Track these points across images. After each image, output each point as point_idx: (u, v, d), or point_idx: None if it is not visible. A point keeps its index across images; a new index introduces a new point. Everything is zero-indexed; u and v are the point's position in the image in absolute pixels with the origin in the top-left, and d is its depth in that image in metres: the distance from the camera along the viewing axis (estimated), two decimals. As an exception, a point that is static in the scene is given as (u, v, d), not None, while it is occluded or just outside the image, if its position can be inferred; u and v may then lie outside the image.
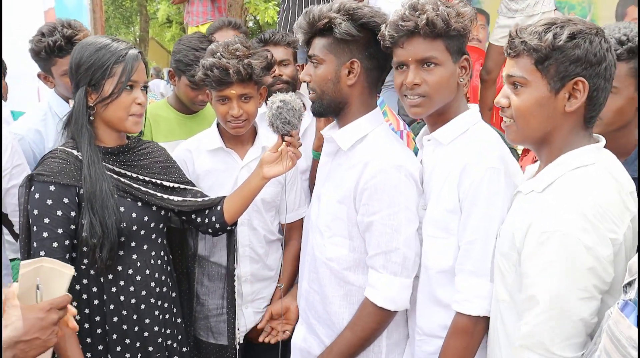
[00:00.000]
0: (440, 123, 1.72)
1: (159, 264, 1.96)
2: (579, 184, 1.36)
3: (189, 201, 2.00)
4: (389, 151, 1.75)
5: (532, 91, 1.41)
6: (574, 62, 1.37)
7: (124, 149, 1.93)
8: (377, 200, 1.70)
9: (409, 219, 1.71)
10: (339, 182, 1.81)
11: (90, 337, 1.86)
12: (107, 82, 1.81)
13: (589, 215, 1.29)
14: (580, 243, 1.27)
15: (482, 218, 1.58)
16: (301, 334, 1.97)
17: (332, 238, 1.82)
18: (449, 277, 1.66)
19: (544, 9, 3.68)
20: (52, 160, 1.82)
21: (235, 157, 2.24)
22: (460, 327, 1.62)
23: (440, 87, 1.65)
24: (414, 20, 1.61)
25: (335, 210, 1.80)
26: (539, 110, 1.41)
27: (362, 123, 1.81)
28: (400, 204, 1.69)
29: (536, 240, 1.33)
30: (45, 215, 1.76)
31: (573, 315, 1.28)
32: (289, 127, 1.86)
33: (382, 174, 1.69)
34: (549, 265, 1.30)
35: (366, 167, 1.72)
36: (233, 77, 2.05)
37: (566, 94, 1.39)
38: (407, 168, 1.71)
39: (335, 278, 1.81)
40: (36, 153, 2.37)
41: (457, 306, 1.62)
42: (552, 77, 1.39)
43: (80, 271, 1.85)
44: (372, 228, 1.72)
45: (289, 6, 4.52)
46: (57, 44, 2.34)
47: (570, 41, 1.36)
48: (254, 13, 10.72)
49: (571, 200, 1.33)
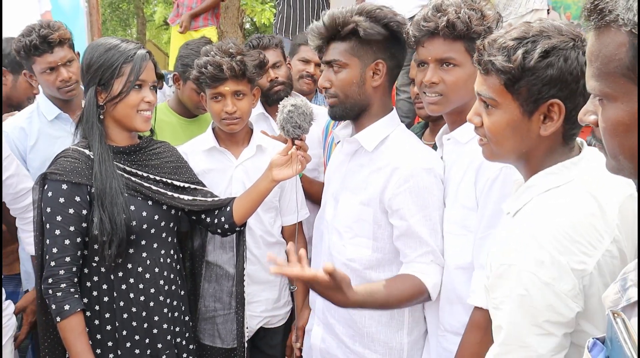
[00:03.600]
0: (460, 122, 1.73)
1: (169, 262, 1.99)
2: (543, 211, 1.23)
3: (199, 201, 2.03)
4: (416, 154, 1.79)
5: (503, 113, 1.29)
6: (547, 83, 1.23)
7: (135, 149, 1.97)
8: (413, 203, 1.73)
9: (441, 217, 1.75)
10: (363, 184, 1.82)
11: (100, 334, 1.90)
12: (116, 82, 1.85)
13: (548, 247, 1.17)
14: (536, 278, 1.16)
15: (494, 215, 1.59)
16: (319, 335, 1.98)
17: (354, 238, 1.83)
18: (467, 274, 1.68)
19: (536, 6, 3.67)
20: (64, 159, 1.86)
21: (229, 156, 2.26)
22: (476, 321, 1.62)
23: (457, 87, 1.68)
24: (434, 21, 1.64)
25: (358, 212, 1.82)
26: (512, 133, 1.29)
27: (383, 124, 1.84)
28: (434, 204, 1.74)
29: (495, 271, 1.25)
30: (57, 213, 1.81)
31: (530, 351, 1.19)
32: (300, 131, 1.89)
33: (414, 179, 1.73)
34: (506, 298, 1.21)
35: (395, 171, 1.75)
36: (227, 73, 2.09)
37: (540, 116, 1.26)
38: (435, 169, 1.75)
39: (357, 277, 1.81)
40: (19, 148, 2.43)
41: (470, 299, 1.64)
42: (524, 99, 1.26)
43: (91, 268, 1.89)
44: (411, 230, 1.74)
45: (284, 8, 4.54)
46: (33, 43, 2.39)
47: (542, 61, 1.22)
48: (251, 15, 10.74)
49: (531, 230, 1.21)
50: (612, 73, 0.85)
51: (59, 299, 1.79)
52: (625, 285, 0.85)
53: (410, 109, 3.47)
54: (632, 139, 0.85)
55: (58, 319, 1.79)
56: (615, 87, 0.85)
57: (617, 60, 0.84)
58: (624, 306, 0.84)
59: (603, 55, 0.86)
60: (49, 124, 2.49)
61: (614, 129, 0.87)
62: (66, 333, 1.80)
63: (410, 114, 3.51)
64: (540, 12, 3.83)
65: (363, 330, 1.86)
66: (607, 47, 0.85)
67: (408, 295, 1.72)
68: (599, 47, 0.87)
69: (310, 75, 2.93)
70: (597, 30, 0.87)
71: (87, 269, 1.89)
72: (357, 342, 1.87)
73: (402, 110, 3.51)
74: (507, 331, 1.21)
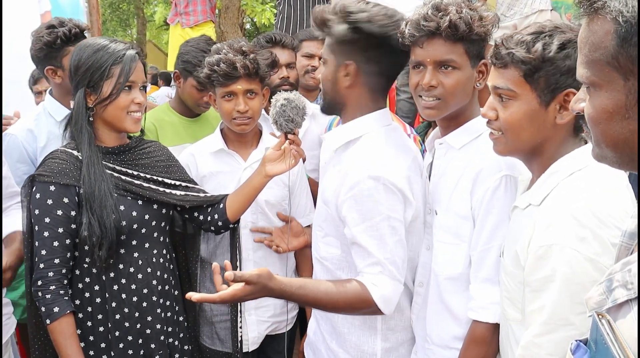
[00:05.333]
0: (453, 127, 1.68)
1: (161, 262, 1.97)
2: (574, 191, 1.29)
3: (191, 196, 2.02)
4: (369, 160, 1.67)
5: (521, 104, 1.36)
6: (565, 73, 1.31)
7: (124, 149, 1.95)
8: (357, 211, 1.65)
9: (392, 227, 1.64)
10: (326, 183, 1.79)
11: (92, 335, 1.88)
12: (106, 84, 1.83)
13: (588, 223, 1.22)
14: (579, 255, 1.20)
15: (496, 226, 1.55)
16: (312, 327, 1.97)
17: (325, 237, 1.80)
18: (457, 285, 1.65)
19: (541, 6, 3.67)
20: (52, 161, 1.84)
21: (238, 159, 2.24)
22: (478, 336, 1.59)
23: (456, 91, 1.61)
24: (436, 21, 1.57)
25: (324, 211, 1.79)
26: (529, 123, 1.37)
27: (356, 125, 1.75)
28: (381, 214, 1.63)
29: (534, 253, 1.28)
30: (45, 215, 1.79)
31: (574, 330, 1.21)
32: (292, 125, 1.87)
33: (359, 186, 1.64)
34: (549, 278, 1.24)
35: (346, 177, 1.68)
36: (240, 71, 2.06)
37: (557, 105, 1.34)
38: (386, 178, 1.63)
39: (331, 277, 1.79)
40: (29, 151, 2.40)
41: (472, 314, 1.59)
42: (542, 89, 1.34)
43: (82, 270, 1.87)
44: (357, 240, 1.66)
45: (284, 8, 4.53)
46: (73, 32, 2.37)
47: (560, 52, 1.31)
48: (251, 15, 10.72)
49: (568, 209, 1.26)
50: (598, 61, 0.86)
51: (48, 301, 1.77)
52: (611, 286, 0.84)
53: (410, 109, 3.46)
54: (614, 127, 0.87)
55: (48, 321, 1.78)
56: (600, 75, 0.87)
57: (603, 48, 0.85)
58: (608, 308, 0.83)
59: (591, 42, 0.87)
60: (58, 124, 2.46)
61: (598, 117, 0.89)
62: (56, 336, 1.78)
63: (410, 114, 3.50)
64: (544, 13, 3.81)
65: (337, 329, 1.82)
66: (595, 34, 0.86)
67: (346, 300, 1.61)
68: (587, 35, 0.88)
69: (315, 69, 2.90)
70: (587, 18, 0.88)
71: (78, 270, 1.87)
72: (334, 340, 1.84)
73: (403, 110, 3.50)
74: (552, 310, 1.24)
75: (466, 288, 1.64)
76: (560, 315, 1.23)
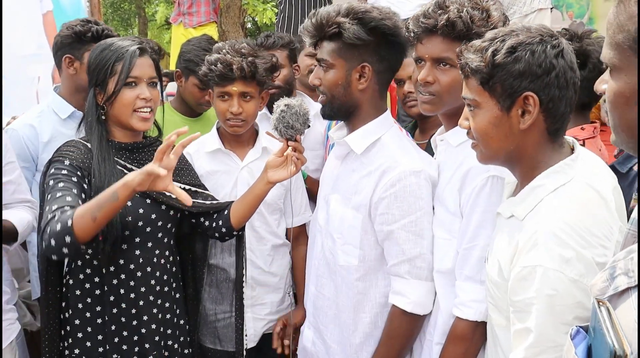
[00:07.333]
0: (454, 124, 1.66)
1: (163, 263, 1.96)
2: (558, 209, 1.26)
3: (197, 203, 2.00)
4: (405, 157, 1.71)
5: (485, 112, 1.35)
6: (518, 77, 1.29)
7: (137, 146, 1.96)
8: (398, 208, 1.67)
9: (430, 222, 1.69)
10: (354, 189, 1.77)
11: (90, 326, 1.89)
12: (110, 81, 1.86)
13: (572, 244, 1.20)
14: (563, 276, 1.18)
15: (480, 225, 1.56)
16: (310, 337, 1.95)
17: (344, 246, 1.78)
18: (445, 279, 1.65)
19: (540, 5, 3.66)
20: (67, 147, 1.89)
21: (234, 158, 2.24)
22: (460, 333, 1.59)
23: (451, 89, 1.61)
24: (434, 18, 1.58)
25: (349, 218, 1.77)
26: (495, 131, 1.35)
27: (374, 127, 1.77)
28: (422, 209, 1.67)
29: (518, 274, 1.26)
30: (60, 181, 1.76)
31: (559, 351, 1.17)
32: (292, 131, 1.85)
33: (401, 182, 1.66)
34: (533, 300, 1.22)
35: (383, 175, 1.69)
36: (236, 73, 2.06)
37: (519, 110, 1.32)
38: (425, 172, 1.68)
39: (348, 285, 1.79)
40: (30, 147, 2.40)
41: (455, 310, 1.61)
42: (499, 95, 1.32)
43: (83, 261, 1.87)
44: (392, 236, 1.69)
45: (285, 7, 4.53)
46: (104, 33, 2.39)
47: (509, 56, 1.29)
48: (252, 14, 10.71)
49: (552, 229, 1.23)
50: (620, 43, 0.87)
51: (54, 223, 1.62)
52: (614, 273, 0.85)
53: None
54: (631, 113, 0.87)
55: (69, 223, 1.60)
56: (621, 58, 0.88)
57: (626, 31, 0.86)
58: (610, 295, 0.84)
59: (616, 24, 0.88)
60: (62, 122, 2.46)
61: (615, 101, 0.90)
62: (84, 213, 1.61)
63: (411, 113, 3.48)
64: (544, 12, 3.80)
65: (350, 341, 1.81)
66: (620, 16, 0.87)
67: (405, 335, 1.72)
68: (614, 17, 0.89)
69: None
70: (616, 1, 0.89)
71: (80, 261, 1.88)
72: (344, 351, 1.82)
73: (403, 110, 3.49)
74: (538, 332, 1.21)
75: (454, 284, 1.65)
76: (546, 337, 1.21)
